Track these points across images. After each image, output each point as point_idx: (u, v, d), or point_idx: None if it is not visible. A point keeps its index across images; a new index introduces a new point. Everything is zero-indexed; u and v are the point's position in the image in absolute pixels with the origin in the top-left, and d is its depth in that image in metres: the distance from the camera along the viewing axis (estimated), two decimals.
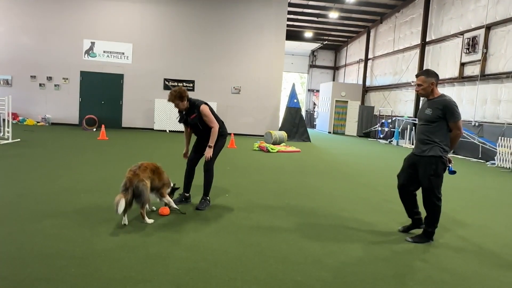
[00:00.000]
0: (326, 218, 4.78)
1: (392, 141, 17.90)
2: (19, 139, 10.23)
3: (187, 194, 5.08)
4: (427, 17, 16.61)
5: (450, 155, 4.10)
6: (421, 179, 4.06)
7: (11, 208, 4.35)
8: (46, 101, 15.83)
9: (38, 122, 15.53)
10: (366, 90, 23.00)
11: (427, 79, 3.93)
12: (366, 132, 21.35)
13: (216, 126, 4.83)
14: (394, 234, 4.33)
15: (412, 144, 16.72)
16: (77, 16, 15.70)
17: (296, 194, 6.04)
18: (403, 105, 18.74)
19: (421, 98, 16.82)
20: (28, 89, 15.69)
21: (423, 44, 16.73)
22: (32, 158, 7.70)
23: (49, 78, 15.79)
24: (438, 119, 3.88)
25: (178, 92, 4.72)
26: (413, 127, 16.97)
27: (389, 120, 18.89)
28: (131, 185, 4.06)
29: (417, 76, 4.06)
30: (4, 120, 9.81)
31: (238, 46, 16.70)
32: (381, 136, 19.27)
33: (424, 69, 3.70)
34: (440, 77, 15.28)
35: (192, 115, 4.82)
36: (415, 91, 4.12)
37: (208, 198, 4.98)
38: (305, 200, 5.64)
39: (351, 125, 22.72)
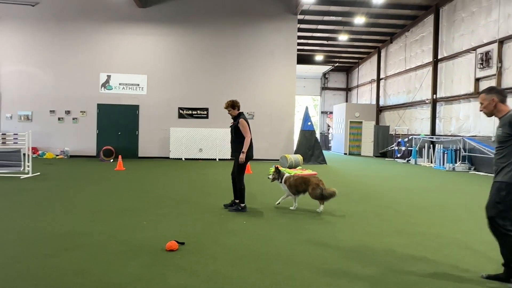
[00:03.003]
0: (348, 244, 4.62)
1: (410, 160, 17.57)
2: (39, 173, 10.40)
3: (236, 201, 6.32)
4: (437, 35, 16.59)
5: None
6: (486, 205, 3.56)
7: (30, 242, 4.35)
8: (65, 135, 16.18)
9: (57, 155, 15.84)
10: (380, 109, 22.86)
11: (487, 96, 3.57)
12: (382, 152, 21.06)
13: (248, 137, 6.19)
14: (422, 260, 4.14)
15: (431, 162, 16.38)
16: (93, 51, 16.23)
17: (315, 218, 5.89)
18: (419, 123, 18.50)
19: (437, 115, 16.60)
20: (48, 124, 16.10)
21: (435, 61, 16.64)
22: (51, 192, 7.78)
23: (68, 112, 16.20)
24: (509, 138, 3.41)
25: (232, 102, 6.40)
26: (431, 145, 16.66)
27: (406, 139, 18.61)
28: None
29: (478, 94, 3.79)
30: (24, 154, 10.02)
31: (250, 72, 16.91)
32: (398, 155, 18.95)
33: (489, 86, 3.24)
34: (455, 94, 15.20)
35: (235, 122, 6.32)
36: (479, 110, 3.73)
37: (241, 205, 6.22)
38: (325, 224, 5.50)
39: (367, 146, 22.47)
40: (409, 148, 18.20)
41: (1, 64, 15.93)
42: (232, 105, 6.38)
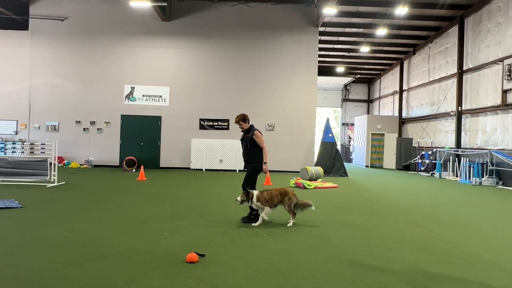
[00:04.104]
0: (370, 258, 4.53)
1: (434, 173, 17.15)
2: (64, 182, 10.68)
3: (253, 213, 6.34)
4: (462, 46, 16.29)
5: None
6: None
7: (56, 251, 4.45)
8: (89, 145, 16.60)
9: (81, 164, 16.24)
10: (402, 121, 22.49)
11: None
12: (405, 165, 20.65)
13: (266, 147, 6.49)
14: (450, 279, 4.01)
15: (456, 176, 15.92)
16: (118, 63, 16.69)
17: (336, 232, 5.81)
18: (443, 136, 18.08)
19: (462, 128, 16.20)
20: (73, 134, 16.57)
21: (460, 73, 16.31)
22: (75, 201, 7.96)
23: (93, 123, 16.64)
24: None
25: (243, 116, 6.59)
26: (456, 159, 16.23)
27: (430, 152, 18.21)
28: None
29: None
30: (51, 164, 10.31)
31: (271, 84, 16.99)
32: (422, 168, 18.54)
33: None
34: (482, 106, 14.83)
35: (247, 135, 6.50)
36: None
37: (253, 213, 6.28)
38: (346, 239, 5.40)
39: (389, 158, 22.10)
40: (433, 161, 17.78)
41: (32, 76, 16.56)
42: (243, 119, 6.57)
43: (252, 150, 6.45)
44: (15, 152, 11.10)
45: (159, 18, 16.43)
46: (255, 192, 6.18)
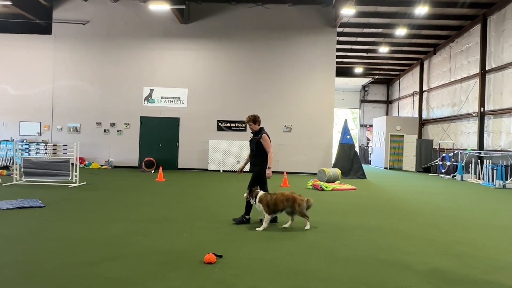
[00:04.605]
0: (390, 263, 4.45)
1: (455, 176, 16.76)
2: (85, 182, 10.90)
3: (248, 217, 6.30)
4: (485, 45, 15.89)
5: None
6: None
7: (76, 250, 4.54)
8: (110, 146, 16.89)
9: (102, 165, 16.54)
10: (423, 123, 22.09)
11: None
12: (425, 167, 20.25)
13: (271, 152, 6.37)
14: (474, 283, 3.90)
15: (479, 179, 15.52)
16: (138, 66, 16.94)
17: (354, 235, 5.73)
18: (465, 138, 17.66)
19: (485, 129, 15.78)
20: (94, 135, 16.90)
21: (483, 73, 15.90)
22: (95, 201, 8.11)
23: (113, 124, 16.93)
24: None
25: (254, 116, 6.52)
26: (478, 161, 15.83)
27: (451, 154, 17.80)
28: None
29: None
30: (72, 164, 10.54)
31: (289, 86, 16.94)
32: (443, 170, 18.14)
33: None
34: (505, 106, 14.43)
35: (255, 137, 6.46)
36: None
37: (246, 216, 6.27)
38: (366, 242, 5.33)
39: (409, 160, 21.71)
40: (454, 163, 17.39)
41: (55, 79, 16.98)
42: (254, 120, 6.49)
43: (259, 153, 6.39)
44: (38, 153, 11.41)
45: (178, 21, 16.61)
46: (261, 193, 6.09)
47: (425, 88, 21.91)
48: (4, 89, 16.95)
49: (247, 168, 6.81)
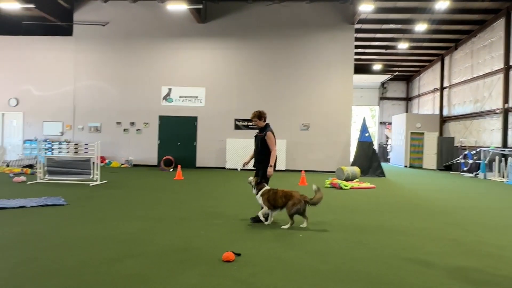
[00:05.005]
0: (411, 263, 4.37)
1: (478, 174, 16.35)
2: (106, 181, 11.10)
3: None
4: (509, 40, 15.42)
5: None
6: None
7: (98, 247, 4.63)
8: (129, 145, 17.16)
9: (122, 164, 16.82)
10: (444, 120, 21.62)
11: None
12: (447, 165, 19.82)
13: (274, 150, 6.19)
14: (497, 285, 3.80)
15: (503, 177, 15.08)
16: (156, 66, 17.14)
17: (374, 234, 5.66)
18: (488, 135, 17.20)
19: (509, 126, 15.33)
20: (114, 134, 17.20)
21: (507, 68, 15.44)
22: (116, 199, 8.26)
23: (132, 124, 17.19)
24: None
25: (259, 112, 6.40)
26: (502, 158, 15.39)
27: (473, 152, 17.37)
28: None
29: None
30: (93, 163, 10.75)
31: (306, 83, 16.84)
32: (465, 169, 17.72)
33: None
34: None
35: (260, 133, 6.34)
36: None
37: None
38: (385, 241, 5.25)
39: (430, 158, 21.29)
40: (477, 161, 16.95)
41: (76, 79, 17.35)
42: (259, 116, 6.38)
43: (263, 151, 6.30)
44: (61, 152, 11.69)
45: (195, 20, 16.71)
46: (266, 187, 6.08)
47: (446, 84, 21.43)
48: (28, 90, 17.43)
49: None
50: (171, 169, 15.57)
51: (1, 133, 17.63)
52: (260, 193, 6.03)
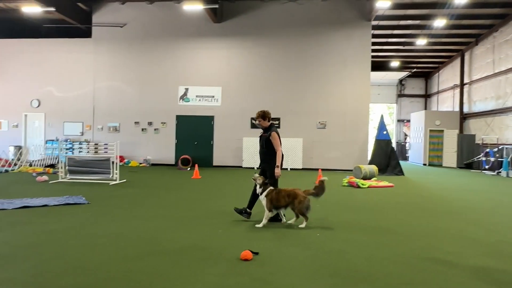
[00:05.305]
0: (432, 263, 4.32)
1: (500, 172, 15.95)
2: (125, 180, 11.30)
3: (249, 211, 6.30)
4: None
5: None
6: None
7: (119, 246, 4.73)
8: (147, 144, 17.41)
9: (140, 163, 17.08)
10: (464, 117, 21.16)
11: None
12: (467, 163, 19.41)
13: (280, 150, 6.15)
14: None
15: None
16: (173, 66, 17.32)
17: (393, 233, 5.61)
18: (511, 132, 16.76)
19: None
20: (132, 134, 17.47)
21: None
22: (136, 198, 8.40)
23: (150, 123, 17.43)
24: None
25: (263, 112, 6.37)
26: None
27: (495, 149, 16.95)
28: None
29: None
30: (113, 162, 10.96)
31: (322, 81, 16.75)
32: (487, 167, 17.31)
33: None
34: None
35: (265, 134, 6.29)
36: None
37: (248, 210, 6.32)
38: (405, 241, 5.20)
39: (450, 156, 20.88)
40: (499, 159, 16.55)
41: (95, 80, 17.69)
42: (263, 116, 6.34)
43: (268, 151, 6.25)
44: (81, 152, 11.95)
45: (211, 20, 16.80)
46: (270, 188, 6.01)
47: (466, 80, 20.97)
48: (50, 92, 17.86)
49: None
50: (189, 168, 15.73)
51: (24, 134, 18.14)
52: (264, 194, 5.97)
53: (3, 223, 5.76)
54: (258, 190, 6.08)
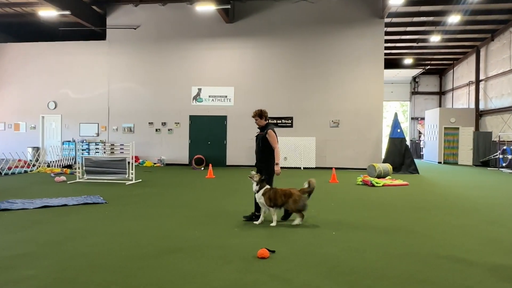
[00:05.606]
0: (449, 261, 4.30)
1: None
2: (140, 180, 11.46)
3: (257, 213, 6.18)
4: None
5: None
6: None
7: (138, 244, 4.83)
8: (161, 144, 17.60)
9: (154, 163, 17.28)
10: (480, 114, 20.83)
11: None
12: (484, 160, 19.11)
13: (277, 148, 6.23)
14: None
15: None
16: (186, 66, 17.47)
17: (409, 232, 5.59)
18: None
19: None
20: (147, 134, 17.69)
21: None
22: (152, 197, 8.53)
23: (164, 124, 17.62)
24: None
25: (260, 111, 6.39)
26: None
27: None
28: None
29: None
30: (129, 163, 11.13)
31: (335, 80, 16.69)
32: (504, 164, 17.03)
33: None
34: None
35: (261, 132, 6.33)
36: None
37: (257, 213, 6.18)
38: (421, 239, 5.18)
39: (465, 154, 20.58)
40: None
41: (110, 82, 17.95)
42: (260, 115, 6.37)
43: (265, 149, 6.26)
44: (98, 152, 12.16)
45: (223, 21, 16.89)
46: (266, 187, 6.00)
47: (482, 77, 20.63)
48: (66, 94, 18.20)
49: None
50: (202, 168, 15.85)
51: (41, 135, 18.52)
52: (261, 192, 5.96)
53: (26, 222, 5.93)
54: (255, 188, 6.04)
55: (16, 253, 4.37)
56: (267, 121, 6.48)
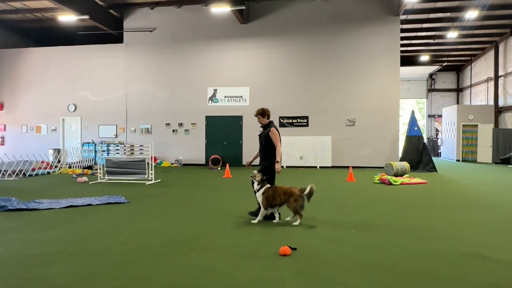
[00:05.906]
0: (472, 258, 4.31)
1: None
2: (159, 180, 11.67)
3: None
4: None
5: None
6: None
7: (163, 241, 4.97)
8: (178, 145, 17.84)
9: (172, 163, 17.53)
10: (499, 111, 20.47)
11: None
12: (504, 158, 18.78)
13: (279, 146, 6.23)
14: None
15: None
16: (201, 68, 17.67)
17: (429, 229, 5.59)
18: None
19: None
20: (164, 135, 17.95)
21: None
22: (172, 196, 8.70)
23: (180, 124, 17.86)
24: None
25: (262, 110, 6.47)
26: None
27: None
28: None
29: None
30: (148, 163, 11.34)
31: (351, 78, 16.63)
32: None
33: None
34: None
35: (264, 131, 6.39)
36: None
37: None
38: (443, 236, 5.18)
39: (484, 151, 20.25)
40: None
41: (127, 84, 18.28)
42: (262, 113, 6.43)
43: (267, 147, 6.29)
44: (118, 153, 12.42)
45: (238, 21, 17.02)
46: (267, 186, 6.04)
47: (501, 73, 20.27)
48: (85, 96, 18.61)
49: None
50: (219, 168, 16.01)
51: (62, 137, 18.97)
52: (261, 191, 6.00)
53: (53, 221, 6.14)
54: (256, 187, 6.10)
55: (46, 251, 4.56)
56: (270, 120, 6.52)
